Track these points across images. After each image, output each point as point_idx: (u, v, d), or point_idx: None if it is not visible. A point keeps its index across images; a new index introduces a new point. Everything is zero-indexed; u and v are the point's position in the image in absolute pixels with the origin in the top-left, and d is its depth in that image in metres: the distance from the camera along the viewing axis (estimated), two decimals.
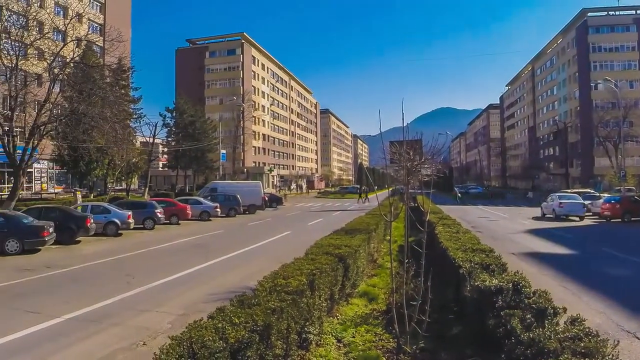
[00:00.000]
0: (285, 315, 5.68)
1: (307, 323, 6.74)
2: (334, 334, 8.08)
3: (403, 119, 8.23)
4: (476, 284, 6.53)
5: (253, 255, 18.97)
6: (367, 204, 57.19)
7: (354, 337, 7.98)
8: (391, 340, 7.71)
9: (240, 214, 40.42)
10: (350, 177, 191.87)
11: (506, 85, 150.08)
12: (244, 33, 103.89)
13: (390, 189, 23.73)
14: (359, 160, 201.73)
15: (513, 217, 37.92)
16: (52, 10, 48.00)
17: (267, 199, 48.83)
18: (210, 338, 4.41)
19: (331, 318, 8.82)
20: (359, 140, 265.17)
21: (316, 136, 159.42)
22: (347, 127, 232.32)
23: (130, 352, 7.90)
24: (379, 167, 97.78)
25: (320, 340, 7.57)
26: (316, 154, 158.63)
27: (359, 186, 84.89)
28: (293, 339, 6.01)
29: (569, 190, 51.62)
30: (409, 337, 7.02)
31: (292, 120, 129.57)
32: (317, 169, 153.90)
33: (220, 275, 14.74)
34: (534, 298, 5.63)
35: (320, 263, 8.32)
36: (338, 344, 7.71)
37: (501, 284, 6.15)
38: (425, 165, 8.49)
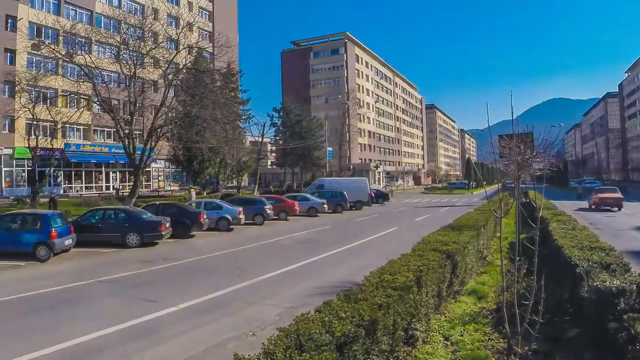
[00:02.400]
0: (392, 311, 5.63)
1: (414, 320, 6.65)
2: (441, 331, 7.93)
3: (512, 112, 7.92)
4: (595, 284, 6.13)
5: (359, 251, 19.01)
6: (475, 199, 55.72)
7: (462, 335, 7.78)
8: (501, 340, 7.42)
9: (347, 210, 40.54)
10: (458, 173, 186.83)
11: (625, 72, 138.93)
12: (347, 32, 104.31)
13: (500, 184, 22.81)
14: (467, 155, 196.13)
15: (636, 213, 35.04)
16: (165, 21, 51.07)
17: (373, 195, 48.58)
18: (317, 331, 4.46)
19: (438, 315, 8.65)
20: (466, 135, 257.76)
21: (422, 132, 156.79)
22: (454, 121, 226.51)
23: (240, 341, 8.19)
24: (488, 162, 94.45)
25: (427, 338, 7.45)
26: (422, 149, 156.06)
27: (467, 181, 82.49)
28: (399, 335, 5.94)
29: None
30: (520, 338, 6.70)
31: (398, 117, 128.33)
32: (423, 165, 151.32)
33: (327, 270, 14.92)
34: None
35: (428, 259, 8.20)
36: (445, 342, 7.54)
37: (624, 285, 5.72)
38: (537, 159, 8.10)
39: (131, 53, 32.55)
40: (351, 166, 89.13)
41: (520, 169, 7.56)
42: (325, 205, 37.86)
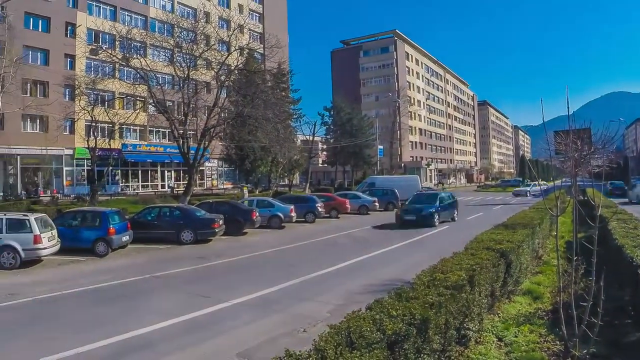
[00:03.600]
0: (444, 310, 5.56)
1: (466, 319, 6.55)
2: (494, 332, 7.78)
3: (568, 107, 7.66)
4: None
5: (411, 249, 18.88)
6: (528, 197, 54.33)
7: (516, 336, 7.61)
8: (558, 342, 7.22)
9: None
10: (512, 170, 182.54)
11: None
12: (396, 30, 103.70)
13: (556, 182, 22.16)
14: (521, 152, 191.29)
15: None
16: (217, 24, 51.90)
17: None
18: (368, 329, 4.46)
19: (492, 315, 8.49)
20: (519, 131, 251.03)
21: (474, 129, 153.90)
22: (507, 118, 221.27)
23: (291, 338, 8.25)
24: (543, 159, 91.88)
25: (480, 338, 7.33)
26: (475, 146, 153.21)
27: (521, 179, 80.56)
28: (451, 334, 5.87)
29: None
30: (578, 341, 6.49)
31: (449, 114, 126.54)
32: (476, 162, 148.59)
33: (377, 268, 14.87)
34: None
35: (481, 258, 8.07)
36: (499, 343, 7.40)
37: None
38: (595, 156, 7.83)
39: (184, 56, 33.41)
40: (402, 164, 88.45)
41: (578, 166, 7.32)
42: (377, 204, 37.64)
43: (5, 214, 16.45)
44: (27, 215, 16.35)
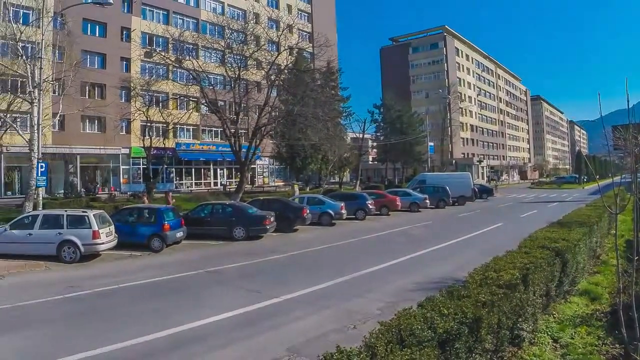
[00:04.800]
0: (496, 310, 5.49)
1: (520, 319, 6.44)
2: (549, 333, 7.60)
3: (628, 100, 7.39)
4: None
5: (462, 247, 18.60)
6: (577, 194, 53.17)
7: (572, 338, 7.41)
8: (617, 345, 6.99)
9: (450, 206, 39.58)
10: (567, 166, 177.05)
11: None
12: (446, 26, 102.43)
13: (615, 178, 21.39)
14: (577, 148, 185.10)
15: None
16: (266, 24, 52.51)
17: (476, 190, 47.12)
18: (419, 327, 4.44)
19: (546, 316, 8.30)
20: (575, 127, 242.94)
21: (527, 124, 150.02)
22: (562, 112, 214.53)
23: (341, 334, 8.28)
24: (600, 155, 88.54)
25: (534, 339, 7.17)
26: (528, 142, 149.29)
27: (577, 175, 78.11)
28: (504, 334, 5.79)
29: None
30: (639, 344, 6.26)
31: (501, 109, 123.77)
32: (529, 159, 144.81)
33: (429, 266, 14.73)
34: None
35: (535, 257, 7.90)
36: (554, 344, 7.23)
37: None
38: None
39: (235, 56, 33.98)
40: (453, 161, 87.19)
41: (638, 162, 7.06)
42: (427, 201, 37.23)
43: (65, 211, 17.15)
44: (86, 212, 16.98)
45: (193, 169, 56.29)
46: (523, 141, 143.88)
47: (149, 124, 37.89)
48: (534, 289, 6.98)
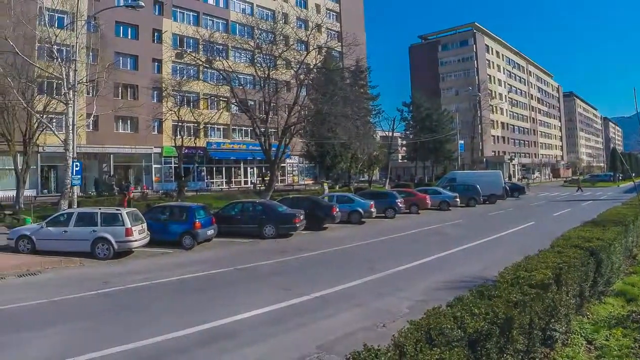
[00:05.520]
0: (528, 310, 5.43)
1: (552, 320, 6.34)
2: (583, 334, 7.46)
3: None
4: None
5: (493, 246, 18.39)
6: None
7: (607, 340, 7.25)
8: None
9: (480, 204, 39.14)
10: (602, 164, 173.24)
11: None
12: (475, 23, 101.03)
13: None
14: (612, 145, 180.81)
15: None
16: (295, 24, 52.57)
17: (508, 188, 46.52)
18: (449, 326, 4.42)
19: (580, 317, 8.15)
20: (610, 123, 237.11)
21: (560, 121, 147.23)
22: (595, 109, 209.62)
23: (370, 332, 8.26)
24: (637, 152, 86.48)
25: (567, 340, 7.04)
26: (560, 140, 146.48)
27: (612, 173, 76.45)
28: (536, 335, 5.71)
29: None
30: None
31: (532, 106, 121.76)
32: (562, 156, 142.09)
33: (459, 264, 14.58)
34: None
35: (568, 256, 7.77)
36: (588, 346, 7.10)
37: None
38: None
39: (264, 56, 34.27)
40: (484, 159, 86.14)
41: None
42: (457, 199, 36.88)
43: (99, 209, 17.56)
44: (119, 210, 17.31)
45: (224, 168, 56.82)
46: (555, 138, 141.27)
47: (180, 124, 38.38)
48: (567, 289, 6.86)
